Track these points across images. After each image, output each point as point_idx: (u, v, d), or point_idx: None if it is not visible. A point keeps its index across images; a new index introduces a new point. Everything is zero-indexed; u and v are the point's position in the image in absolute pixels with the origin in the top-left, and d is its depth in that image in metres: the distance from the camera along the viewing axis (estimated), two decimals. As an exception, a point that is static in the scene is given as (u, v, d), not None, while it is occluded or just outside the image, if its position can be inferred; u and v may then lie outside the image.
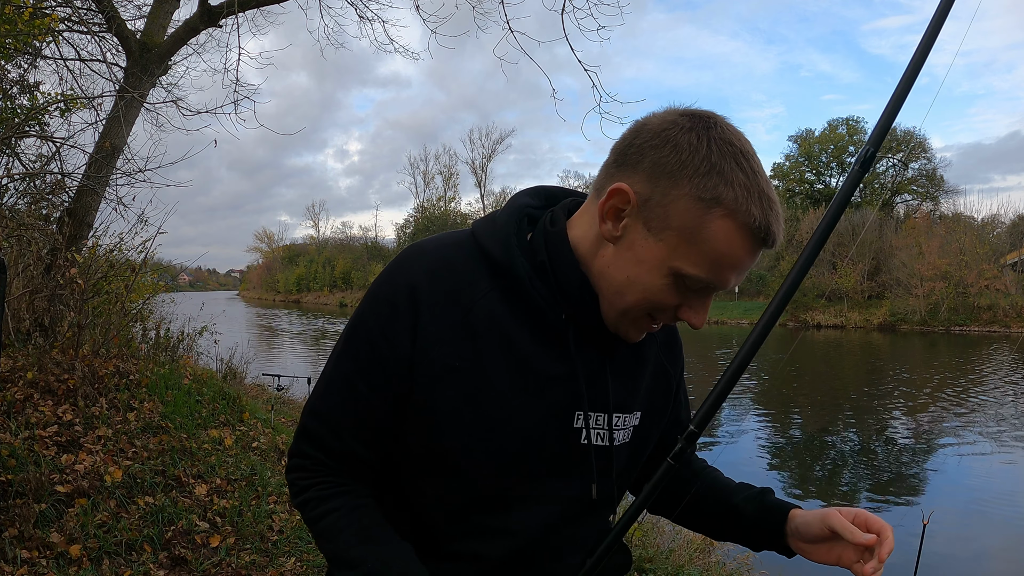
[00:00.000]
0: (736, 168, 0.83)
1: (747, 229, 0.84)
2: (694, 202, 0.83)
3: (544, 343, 0.93)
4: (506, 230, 0.93)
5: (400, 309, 0.90)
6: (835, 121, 51.04)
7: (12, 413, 4.14)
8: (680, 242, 0.84)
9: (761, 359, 21.83)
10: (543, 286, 0.92)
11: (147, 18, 6.93)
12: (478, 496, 0.94)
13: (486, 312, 0.91)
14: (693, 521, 1.19)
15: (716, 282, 0.87)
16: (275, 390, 8.76)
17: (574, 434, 0.96)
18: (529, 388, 0.92)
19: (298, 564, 3.64)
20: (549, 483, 0.96)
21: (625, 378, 1.01)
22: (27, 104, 6.02)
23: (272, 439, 5.68)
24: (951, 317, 34.52)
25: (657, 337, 1.07)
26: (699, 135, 0.83)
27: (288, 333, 32.59)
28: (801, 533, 1.02)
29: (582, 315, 0.93)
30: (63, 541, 3.16)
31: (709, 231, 0.83)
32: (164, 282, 8.55)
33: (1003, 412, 12.94)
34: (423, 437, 0.93)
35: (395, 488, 0.99)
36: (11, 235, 5.40)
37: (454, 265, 0.93)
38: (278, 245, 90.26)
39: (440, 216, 62.68)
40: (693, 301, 0.90)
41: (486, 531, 0.95)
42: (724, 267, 0.85)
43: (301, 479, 0.99)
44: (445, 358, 0.90)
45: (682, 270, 0.85)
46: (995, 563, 6.19)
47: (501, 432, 0.92)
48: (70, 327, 5.25)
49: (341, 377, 0.96)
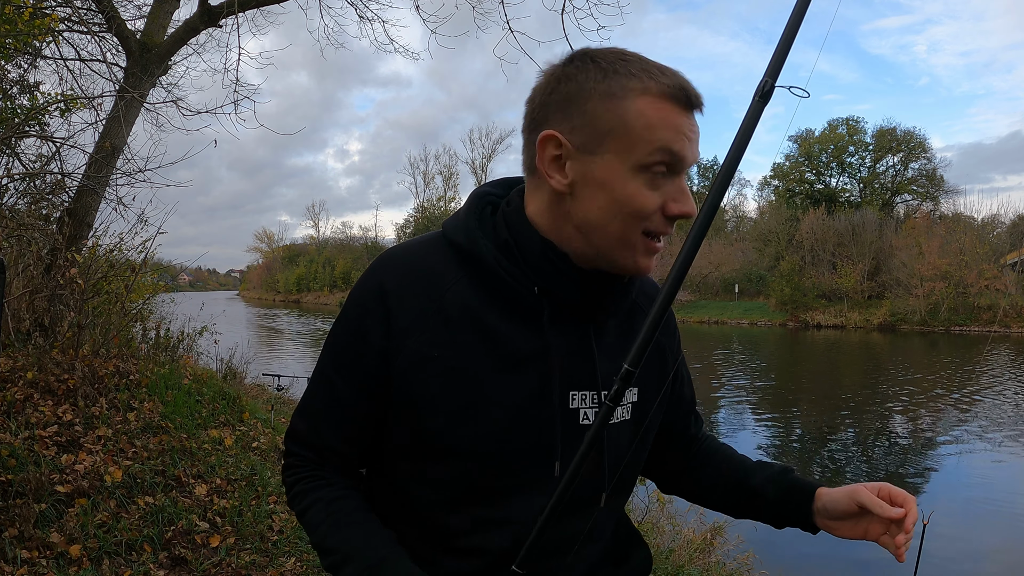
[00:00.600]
0: (624, 62, 0.88)
1: (664, 94, 0.87)
2: (609, 101, 0.86)
3: (518, 322, 0.93)
4: (467, 218, 0.96)
5: (370, 307, 0.94)
6: (835, 121, 51.14)
7: (12, 413, 4.14)
8: (620, 140, 0.86)
9: (761, 359, 21.82)
10: (509, 264, 0.93)
11: (147, 18, 6.92)
12: (473, 485, 0.94)
13: (457, 299, 0.93)
14: (709, 501, 1.20)
15: (673, 154, 0.87)
16: (275, 390, 8.76)
17: (566, 414, 0.95)
18: (506, 369, 0.93)
19: (298, 564, 3.64)
20: (544, 467, 0.95)
21: (615, 353, 0.99)
22: (27, 104, 6.02)
23: (272, 439, 5.68)
24: (951, 317, 34.53)
25: (646, 311, 1.05)
26: (580, 60, 0.89)
27: (288, 333, 32.59)
28: (828, 511, 1.03)
29: (555, 286, 0.93)
30: (63, 541, 3.16)
31: (634, 113, 0.86)
32: (164, 282, 8.55)
33: (1003, 412, 12.94)
34: (409, 430, 0.94)
35: (395, 489, 1.00)
36: (11, 235, 5.40)
37: (424, 261, 0.95)
38: (278, 245, 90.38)
39: (440, 216, 62.66)
40: (671, 191, 0.89)
41: (489, 523, 0.95)
42: (669, 137, 0.86)
43: (289, 477, 1.03)
44: (420, 347, 0.91)
45: (639, 162, 0.86)
46: (995, 563, 6.19)
47: (484, 416, 0.92)
48: (70, 327, 5.25)
49: (321, 377, 1.01)
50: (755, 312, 41.28)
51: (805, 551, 6.46)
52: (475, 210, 0.98)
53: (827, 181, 51.82)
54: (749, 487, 1.12)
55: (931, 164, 49.22)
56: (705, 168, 62.26)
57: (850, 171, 51.40)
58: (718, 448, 1.21)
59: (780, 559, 5.76)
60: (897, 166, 50.08)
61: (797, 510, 1.07)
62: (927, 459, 9.89)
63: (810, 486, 1.07)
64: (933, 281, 35.16)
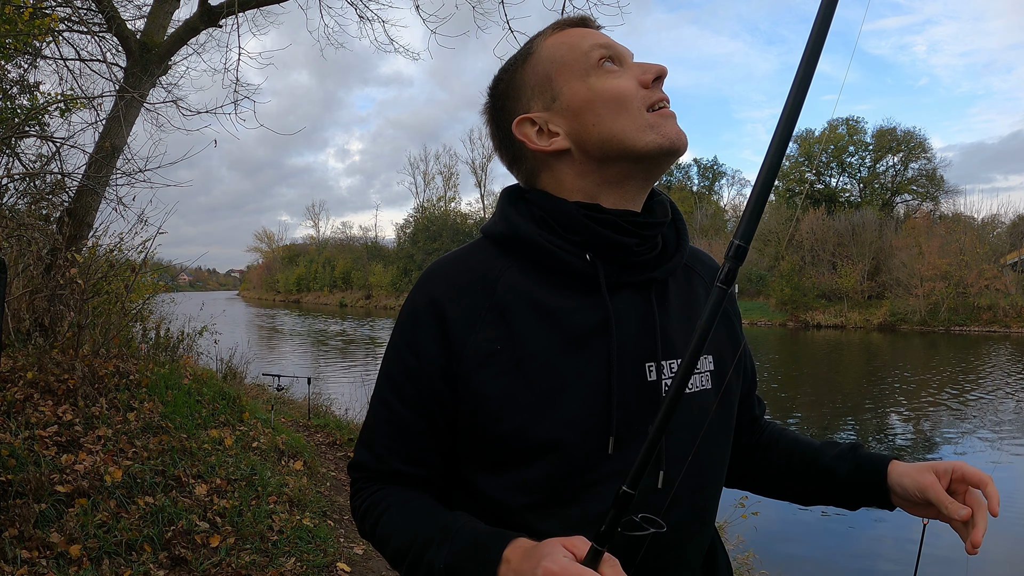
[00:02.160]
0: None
1: (562, 25, 0.97)
2: (531, 59, 0.96)
3: (577, 295, 0.90)
4: (503, 208, 0.97)
5: (421, 319, 0.91)
6: (835, 121, 51.07)
7: (12, 413, 4.13)
8: (561, 71, 0.93)
9: (761, 359, 21.81)
10: (553, 236, 0.91)
11: (147, 18, 6.92)
12: (563, 481, 0.87)
13: (509, 287, 0.91)
14: (778, 490, 1.13)
15: (603, 47, 0.93)
16: (275, 390, 8.74)
17: (644, 387, 0.90)
18: (575, 346, 0.88)
19: (298, 564, 3.64)
20: (632, 449, 0.84)
21: (681, 320, 0.96)
22: (27, 104, 6.02)
23: (272, 439, 5.68)
24: (951, 317, 34.51)
25: (703, 276, 1.03)
26: (503, 66, 1.00)
27: (288, 333, 32.59)
28: (897, 492, 0.97)
29: (603, 246, 0.90)
30: (63, 541, 3.16)
31: (552, 47, 0.95)
32: (164, 282, 8.55)
33: (1003, 412, 12.94)
34: (488, 434, 0.89)
35: (478, 500, 0.93)
36: (11, 235, 5.40)
37: (468, 262, 0.94)
38: (278, 245, 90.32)
39: (440, 216, 62.64)
40: (632, 70, 0.93)
41: (583, 521, 0.86)
42: (587, 42, 0.93)
43: (354, 499, 0.99)
44: (482, 344, 0.88)
45: (586, 67, 0.92)
46: (995, 563, 6.19)
47: (559, 400, 0.87)
48: (70, 327, 5.25)
49: (379, 401, 0.96)
50: (755, 312, 41.25)
51: (805, 551, 6.46)
52: (508, 201, 0.98)
53: (827, 181, 51.80)
54: (820, 466, 1.05)
55: (931, 164, 49.23)
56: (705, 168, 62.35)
57: (850, 171, 51.41)
58: (783, 431, 1.15)
59: (780, 559, 5.76)
60: (897, 166, 50.07)
61: (870, 488, 1.00)
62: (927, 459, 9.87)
63: (883, 461, 1.00)
64: (933, 281, 35.14)
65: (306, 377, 8.80)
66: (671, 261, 0.96)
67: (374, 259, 66.09)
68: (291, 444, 5.80)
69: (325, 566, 3.70)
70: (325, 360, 19.95)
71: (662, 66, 0.91)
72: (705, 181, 62.57)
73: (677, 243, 0.98)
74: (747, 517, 5.05)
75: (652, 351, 0.91)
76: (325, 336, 30.19)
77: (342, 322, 39.83)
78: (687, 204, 57.73)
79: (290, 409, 8.67)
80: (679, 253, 0.97)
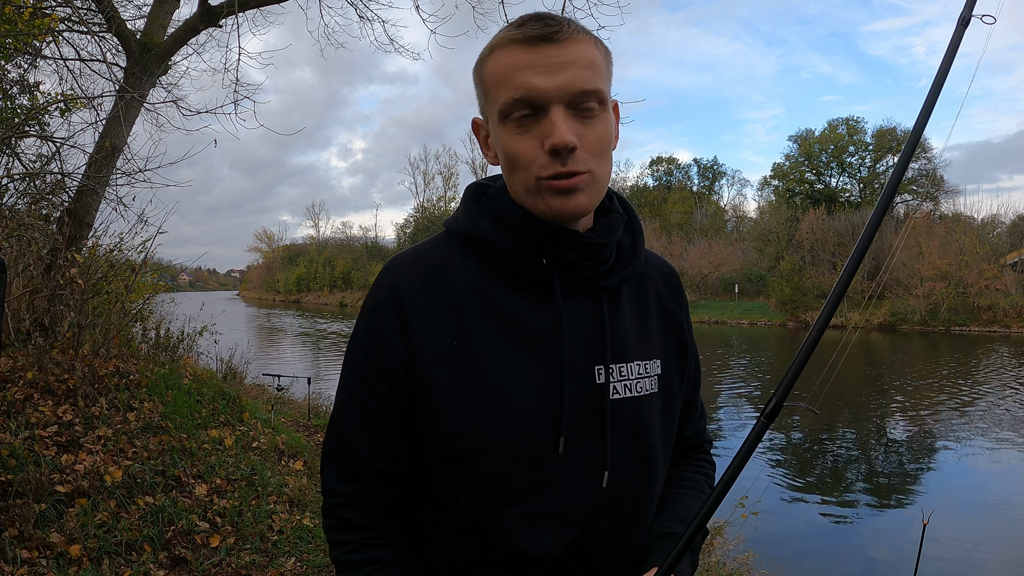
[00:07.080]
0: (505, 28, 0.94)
1: (511, 40, 0.88)
2: (478, 69, 0.93)
3: (532, 298, 0.93)
4: (467, 205, 0.99)
5: (385, 312, 0.93)
6: (835, 121, 51.08)
7: (12, 413, 4.13)
8: (488, 100, 0.92)
9: (760, 360, 21.81)
10: (512, 238, 0.93)
11: (147, 18, 6.92)
12: (518, 478, 0.89)
13: (466, 285, 0.92)
14: None
15: (526, 94, 0.85)
16: (275, 390, 8.75)
17: (593, 390, 0.93)
18: (526, 347, 0.91)
19: (298, 564, 3.64)
20: (580, 449, 0.91)
21: (633, 325, 0.98)
22: (27, 104, 6.02)
23: (272, 439, 5.68)
24: (951, 317, 34.49)
25: (657, 282, 1.06)
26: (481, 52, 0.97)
27: (288, 333, 32.58)
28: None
29: (551, 248, 0.92)
30: (63, 541, 3.16)
31: (488, 70, 0.90)
32: (164, 282, 8.54)
33: (1003, 412, 12.94)
34: (440, 432, 0.91)
35: (441, 505, 0.95)
36: (11, 235, 5.40)
37: (429, 258, 0.96)
38: (278, 245, 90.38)
39: (440, 216, 62.62)
40: (543, 129, 0.86)
41: (534, 519, 0.90)
42: (517, 80, 0.86)
43: (336, 552, 0.97)
44: (438, 341, 0.90)
45: (500, 114, 0.88)
46: (995, 563, 6.18)
47: (510, 399, 0.89)
48: (70, 327, 5.25)
49: (346, 393, 0.97)
50: (755, 312, 41.24)
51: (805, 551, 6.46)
52: (470, 198, 1.00)
53: (827, 181, 51.78)
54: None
55: (931, 164, 49.20)
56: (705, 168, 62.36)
57: (850, 171, 51.39)
58: (690, 478, 1.12)
59: (780, 559, 5.76)
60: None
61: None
62: (926, 459, 9.88)
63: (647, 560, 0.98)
64: (933, 281, 35.12)
65: (306, 377, 8.81)
66: (625, 269, 0.98)
67: (374, 259, 66.09)
68: (291, 444, 5.80)
69: (325, 566, 3.70)
70: (325, 360, 20.04)
71: (563, 139, 0.84)
72: (705, 181, 62.59)
73: (632, 251, 1.00)
74: (747, 517, 5.05)
75: (601, 354, 0.94)
76: (325, 336, 30.19)
77: (341, 322, 39.82)
78: (687, 204, 57.76)
79: (290, 409, 8.68)
80: (634, 261, 1.00)
